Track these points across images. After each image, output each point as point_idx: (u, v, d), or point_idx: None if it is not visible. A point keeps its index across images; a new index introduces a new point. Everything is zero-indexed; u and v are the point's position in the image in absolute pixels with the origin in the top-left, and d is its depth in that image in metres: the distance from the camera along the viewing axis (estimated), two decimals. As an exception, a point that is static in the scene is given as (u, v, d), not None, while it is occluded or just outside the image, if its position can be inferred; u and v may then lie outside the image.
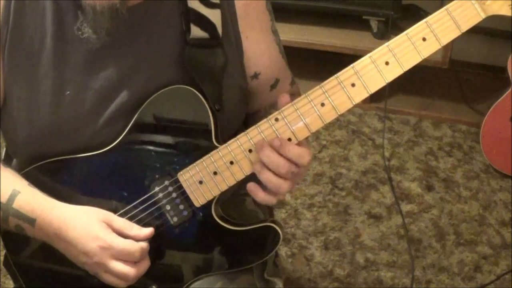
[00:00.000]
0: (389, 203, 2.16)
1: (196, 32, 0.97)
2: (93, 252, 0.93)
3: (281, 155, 0.91)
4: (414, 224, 2.08)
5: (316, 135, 2.44)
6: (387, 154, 2.36)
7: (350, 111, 0.92)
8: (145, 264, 0.97)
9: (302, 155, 0.91)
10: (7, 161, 1.11)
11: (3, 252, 1.06)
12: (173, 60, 0.98)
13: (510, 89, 2.14)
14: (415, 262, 1.95)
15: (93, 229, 0.94)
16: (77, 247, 0.94)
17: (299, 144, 0.93)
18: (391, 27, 2.39)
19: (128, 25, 0.93)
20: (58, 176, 1.00)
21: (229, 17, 1.01)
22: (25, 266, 1.05)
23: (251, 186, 0.94)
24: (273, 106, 1.04)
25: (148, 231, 0.97)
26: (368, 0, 2.43)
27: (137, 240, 0.95)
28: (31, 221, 0.96)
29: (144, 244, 0.95)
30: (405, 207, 2.14)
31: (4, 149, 1.15)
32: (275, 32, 1.08)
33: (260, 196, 0.93)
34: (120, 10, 0.89)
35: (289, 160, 0.91)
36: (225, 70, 0.99)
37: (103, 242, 0.93)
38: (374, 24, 2.49)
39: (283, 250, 1.97)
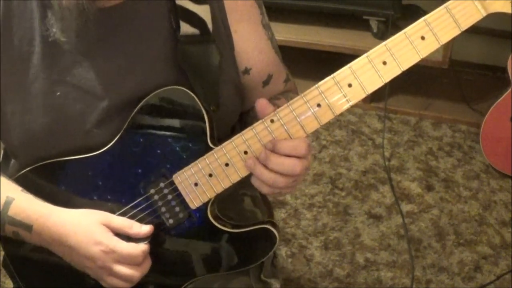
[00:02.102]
0: (389, 203, 2.15)
1: (186, 29, 0.96)
2: (96, 256, 0.93)
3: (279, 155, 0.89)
4: (414, 224, 2.08)
5: (316, 135, 2.43)
6: (387, 154, 2.36)
7: (349, 111, 0.91)
8: (147, 264, 0.97)
9: (297, 146, 0.90)
10: (6, 162, 1.10)
11: (3, 253, 1.06)
12: (165, 58, 0.97)
13: (510, 89, 2.13)
14: (415, 262, 1.94)
15: (94, 233, 0.94)
16: (79, 252, 0.94)
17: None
18: (391, 27, 2.39)
19: (116, 25, 0.92)
20: (52, 179, 1.00)
21: (218, 12, 0.99)
22: (24, 267, 1.05)
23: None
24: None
25: (148, 228, 0.96)
26: (368, 0, 2.43)
27: (138, 238, 0.95)
28: (28, 227, 0.96)
29: (145, 247, 0.95)
30: (405, 207, 2.14)
31: (2, 150, 1.14)
32: (266, 26, 1.06)
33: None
34: (89, 10, 0.88)
35: (287, 156, 0.89)
36: (220, 66, 0.98)
37: (105, 246, 0.93)
38: (374, 24, 2.49)
39: (283, 250, 1.97)
